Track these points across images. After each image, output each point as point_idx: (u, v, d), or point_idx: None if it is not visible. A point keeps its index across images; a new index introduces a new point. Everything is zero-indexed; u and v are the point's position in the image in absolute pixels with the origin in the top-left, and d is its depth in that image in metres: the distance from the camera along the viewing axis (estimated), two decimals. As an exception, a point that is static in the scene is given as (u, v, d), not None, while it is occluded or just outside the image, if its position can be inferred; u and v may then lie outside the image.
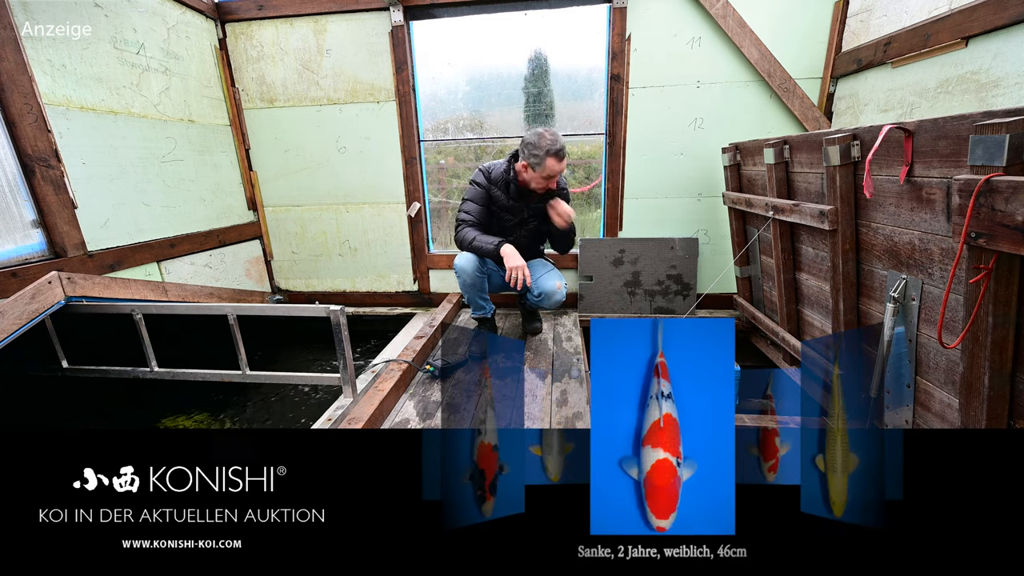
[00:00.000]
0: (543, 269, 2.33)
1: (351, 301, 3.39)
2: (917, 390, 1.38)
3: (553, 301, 2.20)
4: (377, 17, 2.81)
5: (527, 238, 2.32)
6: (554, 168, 1.99)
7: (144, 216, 2.40)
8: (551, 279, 2.23)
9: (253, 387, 2.72)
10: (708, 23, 2.58)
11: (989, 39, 1.62)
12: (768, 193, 2.00)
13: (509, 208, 2.21)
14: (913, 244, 1.28)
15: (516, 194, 2.16)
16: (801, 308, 2.03)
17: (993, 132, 0.92)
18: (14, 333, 1.67)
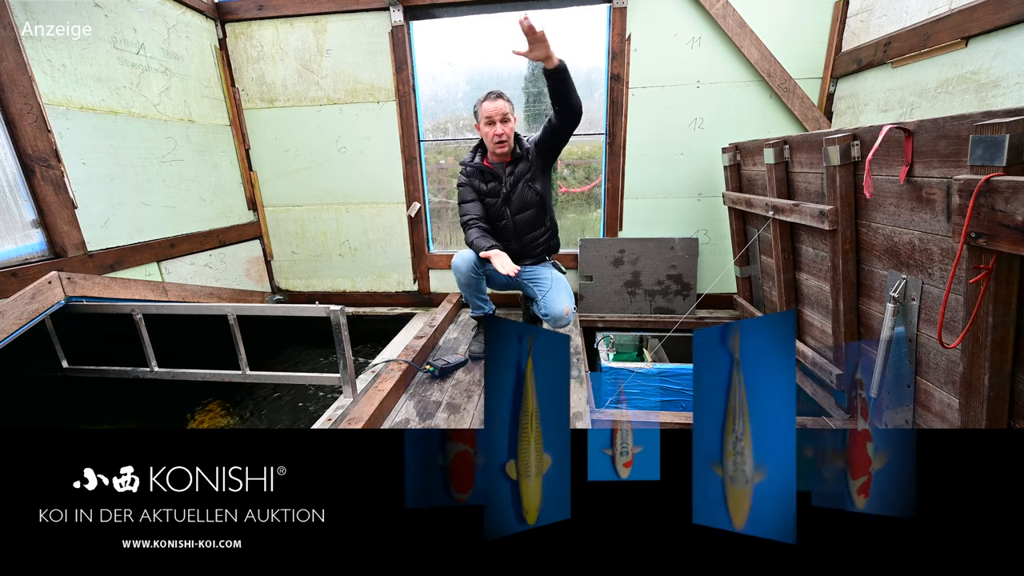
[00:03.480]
0: (551, 285, 2.19)
1: (351, 301, 3.39)
2: (917, 390, 1.38)
3: (559, 325, 2.11)
4: (377, 17, 2.81)
5: (518, 214, 2.18)
6: (488, 108, 2.00)
7: (144, 216, 2.40)
8: (559, 301, 2.09)
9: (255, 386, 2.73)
10: (708, 23, 2.59)
11: (989, 39, 1.62)
12: (768, 193, 2.00)
13: (490, 191, 2.19)
14: (913, 244, 1.28)
15: (490, 175, 2.16)
16: (801, 308, 2.03)
17: (993, 132, 0.92)
18: (14, 333, 1.67)
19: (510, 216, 2.19)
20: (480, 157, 2.21)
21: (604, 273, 2.97)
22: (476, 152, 2.23)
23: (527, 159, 2.13)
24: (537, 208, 2.20)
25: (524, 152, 2.13)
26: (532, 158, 2.13)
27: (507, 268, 1.91)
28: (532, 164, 2.13)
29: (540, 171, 2.15)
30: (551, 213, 2.29)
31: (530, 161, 2.13)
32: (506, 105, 2.03)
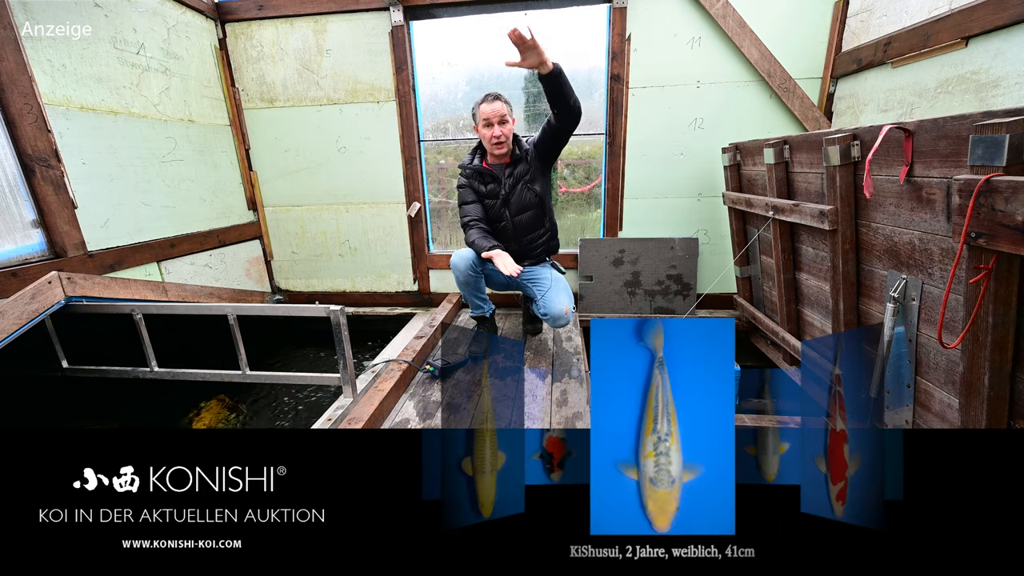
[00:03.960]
0: (551, 285, 2.19)
1: (351, 301, 3.39)
2: (917, 390, 1.38)
3: (558, 324, 2.13)
4: (377, 17, 2.81)
5: (517, 216, 2.19)
6: (485, 110, 2.00)
7: (144, 216, 2.40)
8: (558, 301, 2.10)
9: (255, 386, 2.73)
10: (708, 23, 2.59)
11: (989, 39, 1.62)
12: (768, 193, 2.00)
13: (489, 192, 2.20)
14: (913, 244, 1.28)
15: (490, 176, 2.16)
16: (801, 308, 2.03)
17: (993, 132, 0.92)
18: (14, 333, 1.67)
19: (509, 217, 2.19)
20: (479, 159, 2.21)
21: (604, 273, 2.97)
22: (475, 154, 2.23)
23: (526, 160, 2.13)
24: (536, 209, 2.19)
25: (523, 153, 2.13)
26: (531, 159, 2.13)
27: (509, 268, 1.92)
28: (531, 165, 2.13)
29: (539, 172, 2.15)
30: (551, 214, 2.29)
31: (529, 162, 2.13)
32: (504, 107, 2.03)
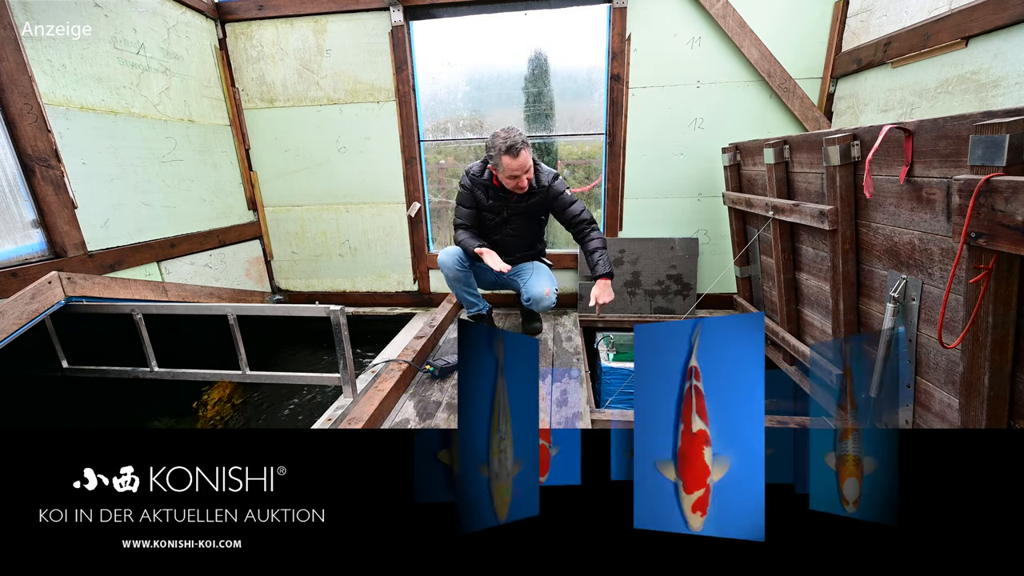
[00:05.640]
0: (532, 272, 2.29)
1: (351, 301, 3.39)
2: (917, 390, 1.38)
3: (542, 306, 2.19)
4: (377, 17, 2.81)
5: (513, 236, 2.28)
6: (511, 165, 1.96)
7: (144, 216, 2.40)
8: (539, 284, 2.19)
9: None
10: (708, 23, 2.58)
11: (989, 39, 1.62)
12: (768, 193, 2.00)
13: (490, 208, 2.22)
14: (913, 244, 1.28)
15: (495, 195, 2.17)
16: (801, 308, 2.03)
17: (993, 132, 0.92)
18: (14, 333, 1.67)
19: (504, 234, 2.26)
20: (491, 176, 2.16)
21: (604, 273, 2.97)
22: (486, 169, 2.18)
23: (541, 195, 2.16)
24: (536, 232, 2.30)
25: (541, 190, 2.15)
26: (545, 199, 2.17)
27: (498, 265, 2.01)
28: (543, 202, 2.18)
29: (548, 207, 2.22)
30: (543, 234, 2.39)
31: (541, 197, 2.16)
32: (529, 158, 2.00)
